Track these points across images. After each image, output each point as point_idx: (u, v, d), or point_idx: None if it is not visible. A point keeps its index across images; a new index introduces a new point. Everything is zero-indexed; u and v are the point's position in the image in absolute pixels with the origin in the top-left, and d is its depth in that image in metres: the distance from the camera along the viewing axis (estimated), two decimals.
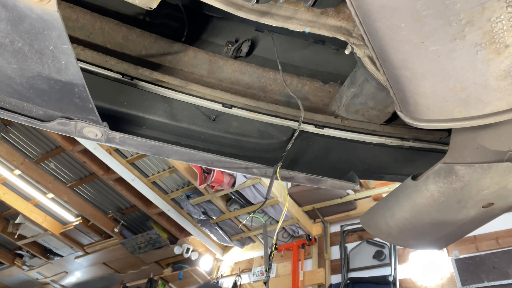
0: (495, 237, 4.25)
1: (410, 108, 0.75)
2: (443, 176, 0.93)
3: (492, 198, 0.92)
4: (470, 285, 4.05)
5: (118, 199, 6.99)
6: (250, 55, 1.48)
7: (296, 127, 1.23)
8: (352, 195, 5.26)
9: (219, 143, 1.11)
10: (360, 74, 1.19)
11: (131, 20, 1.40)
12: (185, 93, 1.21)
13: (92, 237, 8.09)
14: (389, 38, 0.60)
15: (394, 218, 1.12)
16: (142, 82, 1.19)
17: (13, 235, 8.08)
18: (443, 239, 1.18)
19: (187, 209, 6.12)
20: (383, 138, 1.30)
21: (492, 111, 0.64)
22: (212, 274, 7.13)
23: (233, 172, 4.65)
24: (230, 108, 1.21)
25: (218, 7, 0.91)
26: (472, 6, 0.51)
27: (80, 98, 0.81)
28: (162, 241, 7.07)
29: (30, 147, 6.10)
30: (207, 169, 5.20)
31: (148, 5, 0.98)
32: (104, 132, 0.93)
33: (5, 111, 0.85)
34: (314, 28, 0.98)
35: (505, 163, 0.83)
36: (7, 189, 7.04)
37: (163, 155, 1.05)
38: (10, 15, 0.62)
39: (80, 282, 9.45)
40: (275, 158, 1.16)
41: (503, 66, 0.57)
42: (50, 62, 0.71)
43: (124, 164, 5.43)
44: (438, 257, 4.51)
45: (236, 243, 6.67)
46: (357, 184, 1.12)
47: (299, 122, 1.06)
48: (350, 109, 1.28)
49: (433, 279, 4.51)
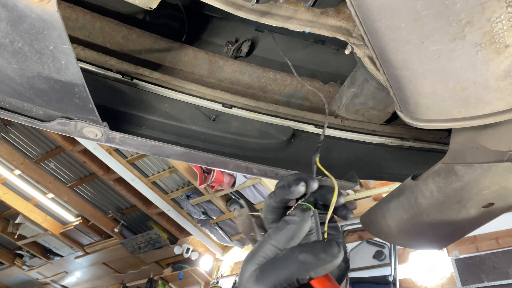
0: (495, 237, 4.25)
1: (410, 108, 0.75)
2: (443, 176, 0.93)
3: (492, 198, 0.92)
4: (470, 285, 4.06)
5: (118, 199, 7.00)
6: (250, 55, 1.48)
7: (297, 127, 1.24)
8: (352, 195, 5.26)
9: (219, 143, 1.11)
10: (360, 74, 1.19)
11: (131, 20, 1.40)
12: (185, 93, 1.21)
13: (92, 237, 8.09)
14: (389, 38, 0.60)
15: (394, 218, 1.12)
16: (142, 82, 1.19)
17: (13, 235, 8.09)
18: (443, 239, 1.18)
19: (187, 209, 6.12)
20: (383, 138, 1.30)
21: (492, 111, 0.64)
22: (212, 274, 7.13)
23: (233, 172, 4.65)
24: (230, 108, 1.21)
25: (218, 7, 0.91)
26: (472, 6, 0.51)
27: (80, 98, 0.81)
28: (162, 241, 7.07)
29: (30, 147, 6.11)
30: (207, 169, 5.20)
31: (148, 5, 0.98)
32: (104, 132, 0.93)
33: (5, 111, 0.85)
34: (314, 28, 0.98)
35: (505, 163, 0.83)
36: (7, 189, 7.04)
37: (163, 155, 1.05)
38: (10, 15, 0.62)
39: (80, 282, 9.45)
40: (275, 158, 1.16)
41: (503, 66, 0.57)
42: (50, 62, 0.71)
43: (124, 164, 5.43)
44: (438, 257, 4.51)
45: (236, 243, 6.67)
46: (357, 184, 1.12)
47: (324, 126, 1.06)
48: (350, 109, 1.28)
49: (433, 279, 4.51)
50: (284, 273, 0.44)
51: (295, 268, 0.43)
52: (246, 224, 0.61)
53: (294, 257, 0.44)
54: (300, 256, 0.44)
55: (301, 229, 0.48)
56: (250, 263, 0.48)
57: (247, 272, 0.48)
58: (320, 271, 0.43)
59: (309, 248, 0.44)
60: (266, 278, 0.45)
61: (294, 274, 0.43)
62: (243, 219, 0.62)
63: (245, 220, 0.61)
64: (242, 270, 0.49)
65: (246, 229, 0.61)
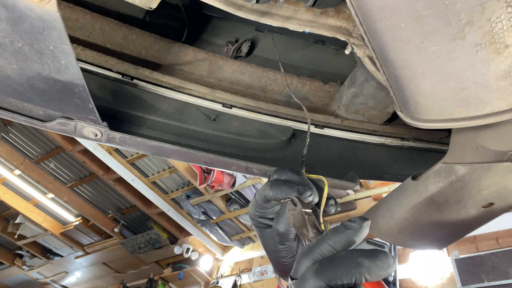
0: (495, 237, 4.25)
1: (410, 108, 0.75)
2: (443, 176, 0.93)
3: (492, 198, 0.92)
4: (470, 285, 4.06)
5: (118, 199, 7.00)
6: (250, 55, 1.48)
7: (297, 127, 1.24)
8: (352, 195, 5.26)
9: (219, 143, 1.11)
10: (360, 74, 1.19)
11: (131, 20, 1.40)
12: (185, 93, 1.21)
13: (92, 237, 8.10)
14: (389, 38, 0.60)
15: (394, 218, 1.12)
16: (142, 82, 1.19)
17: (13, 235, 8.09)
18: (443, 239, 1.18)
19: (187, 209, 6.12)
20: (383, 138, 1.30)
21: (492, 111, 0.64)
22: (212, 274, 7.13)
23: (233, 172, 4.65)
24: (230, 108, 1.21)
25: (218, 7, 0.91)
26: (472, 6, 0.51)
27: (80, 98, 0.81)
28: (162, 241, 7.08)
29: (30, 147, 6.11)
30: (207, 169, 5.20)
31: (148, 5, 0.98)
32: (104, 132, 0.93)
33: (5, 111, 0.85)
34: (314, 28, 0.98)
35: (505, 163, 0.83)
36: (7, 189, 7.04)
37: (163, 155, 1.05)
38: (10, 15, 0.62)
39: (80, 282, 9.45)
40: (275, 158, 1.16)
41: (503, 66, 0.57)
42: (50, 62, 0.71)
43: (124, 164, 5.43)
44: (438, 257, 4.51)
45: (236, 243, 6.67)
46: (357, 184, 1.12)
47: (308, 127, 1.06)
48: (350, 109, 1.28)
49: (433, 279, 4.52)
50: (343, 271, 0.48)
51: (354, 268, 0.48)
52: (298, 220, 0.65)
53: (354, 258, 0.49)
54: (359, 259, 0.49)
55: (359, 236, 0.53)
56: (307, 257, 0.53)
57: (303, 265, 0.53)
58: (375, 275, 0.48)
59: (368, 254, 0.49)
60: (327, 272, 0.49)
61: (353, 273, 0.48)
62: (295, 214, 0.66)
63: (298, 216, 0.65)
64: (299, 262, 0.54)
65: (297, 224, 0.65)
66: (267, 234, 0.78)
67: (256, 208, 0.76)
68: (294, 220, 0.65)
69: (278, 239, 0.75)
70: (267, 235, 0.78)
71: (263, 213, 0.76)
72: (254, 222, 0.79)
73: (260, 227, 0.79)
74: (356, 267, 0.48)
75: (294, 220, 0.65)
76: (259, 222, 0.78)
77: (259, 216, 0.77)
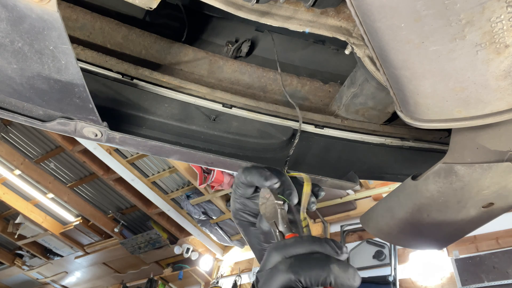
0: (495, 237, 4.25)
1: (410, 108, 0.75)
2: (443, 176, 0.93)
3: (492, 198, 0.92)
4: (470, 285, 4.06)
5: (118, 199, 6.99)
6: (250, 55, 1.48)
7: (297, 127, 1.23)
8: (352, 195, 5.26)
9: (219, 143, 1.11)
10: (360, 74, 1.19)
11: (131, 20, 1.40)
12: (185, 93, 1.21)
13: (92, 237, 8.09)
14: (389, 38, 0.60)
15: (394, 218, 1.12)
16: (142, 82, 1.19)
17: (13, 235, 8.09)
18: (443, 239, 1.18)
19: (187, 209, 6.12)
20: (383, 138, 1.30)
21: (492, 111, 0.64)
22: (212, 274, 7.13)
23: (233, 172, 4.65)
24: (230, 108, 1.21)
25: (218, 7, 0.91)
26: (472, 6, 0.51)
27: (80, 98, 0.81)
28: (162, 241, 7.07)
29: (30, 147, 6.10)
30: (207, 169, 5.20)
31: (148, 5, 0.98)
32: (104, 132, 0.93)
33: (5, 111, 0.85)
34: (314, 28, 0.98)
35: (505, 163, 0.83)
36: (7, 189, 7.04)
37: (163, 155, 1.05)
38: (10, 15, 0.62)
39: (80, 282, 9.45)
40: (275, 158, 1.16)
41: (503, 66, 0.57)
42: (50, 62, 0.71)
43: (124, 164, 5.43)
44: (438, 257, 4.51)
45: (236, 243, 6.67)
46: (357, 184, 1.12)
47: (299, 127, 1.06)
48: (350, 109, 1.28)
49: (433, 279, 4.51)
50: (315, 271, 0.53)
51: (325, 271, 0.53)
52: (270, 210, 0.67)
53: (328, 263, 0.54)
54: (332, 265, 0.53)
55: (335, 259, 0.57)
56: (280, 253, 0.56)
57: (275, 258, 0.56)
58: (339, 283, 0.53)
59: (341, 264, 0.54)
60: (300, 268, 0.53)
61: (322, 275, 0.53)
62: (267, 205, 0.68)
63: (270, 207, 0.67)
64: (270, 255, 0.57)
65: (269, 214, 0.66)
66: (252, 232, 0.79)
67: (235, 198, 0.77)
68: (266, 210, 0.67)
69: (263, 238, 0.76)
70: (252, 233, 0.79)
71: (244, 205, 0.77)
72: (237, 221, 0.81)
73: (244, 224, 0.80)
74: (327, 270, 0.53)
75: (265, 210, 0.67)
76: (242, 217, 0.79)
77: (240, 209, 0.78)
